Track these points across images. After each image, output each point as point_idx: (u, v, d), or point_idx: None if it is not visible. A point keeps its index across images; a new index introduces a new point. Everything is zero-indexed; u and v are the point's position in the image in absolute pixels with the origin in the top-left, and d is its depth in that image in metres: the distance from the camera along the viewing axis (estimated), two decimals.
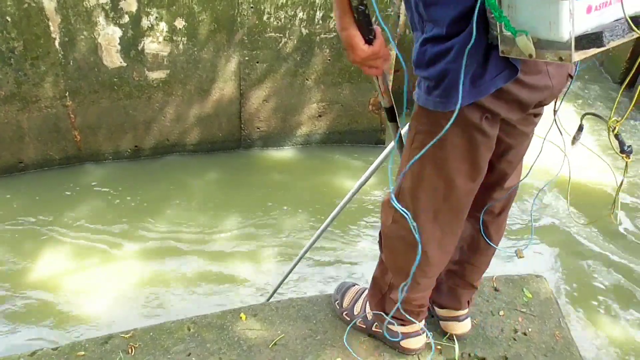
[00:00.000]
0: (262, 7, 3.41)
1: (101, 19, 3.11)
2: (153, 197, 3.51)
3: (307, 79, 3.73)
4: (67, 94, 3.30)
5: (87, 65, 3.24)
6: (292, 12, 3.48)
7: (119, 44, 3.23)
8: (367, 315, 1.91)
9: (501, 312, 2.03)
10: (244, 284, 3.06)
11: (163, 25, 3.27)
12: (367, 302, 1.90)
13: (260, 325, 1.97)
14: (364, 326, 1.93)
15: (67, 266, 3.02)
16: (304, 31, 3.55)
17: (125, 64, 3.32)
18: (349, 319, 1.96)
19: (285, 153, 4.00)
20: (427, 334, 1.86)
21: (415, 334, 1.84)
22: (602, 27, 0.98)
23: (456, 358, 1.83)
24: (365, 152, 4.05)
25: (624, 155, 1.31)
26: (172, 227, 3.33)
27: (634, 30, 0.98)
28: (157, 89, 3.48)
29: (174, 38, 3.35)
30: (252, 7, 3.38)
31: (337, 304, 2.01)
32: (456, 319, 1.90)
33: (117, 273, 3.01)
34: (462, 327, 1.91)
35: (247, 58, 3.55)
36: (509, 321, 2.00)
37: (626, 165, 1.32)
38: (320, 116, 3.92)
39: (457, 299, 1.86)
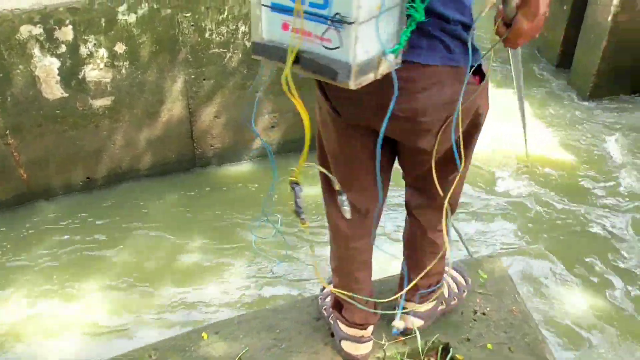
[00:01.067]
0: (203, 24, 3.40)
1: (36, 51, 3.05)
2: (111, 227, 3.45)
3: (256, 91, 3.73)
4: (7, 131, 3.21)
5: (26, 100, 3.17)
6: (234, 27, 3.48)
7: (58, 74, 3.17)
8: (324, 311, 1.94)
9: None
10: (213, 304, 3.03)
11: (103, 52, 3.23)
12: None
13: (223, 342, 1.94)
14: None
15: (30, 309, 2.94)
16: (248, 44, 3.55)
17: (67, 95, 3.25)
18: (326, 314, 1.97)
19: (242, 167, 3.97)
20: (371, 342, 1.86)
21: (354, 338, 1.82)
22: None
23: (419, 347, 1.83)
24: (311, 160, 4.05)
25: None
26: (134, 254, 3.28)
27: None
28: (103, 117, 3.43)
29: (116, 63, 3.31)
30: (192, 25, 3.37)
31: (320, 298, 2.03)
32: (410, 313, 1.88)
33: (81, 310, 2.95)
34: (416, 321, 1.89)
35: (193, 76, 3.53)
36: (468, 303, 2.02)
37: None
38: (273, 127, 3.91)
39: (411, 293, 1.84)
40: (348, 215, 1.42)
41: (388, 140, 1.44)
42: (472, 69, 1.24)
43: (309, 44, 1.03)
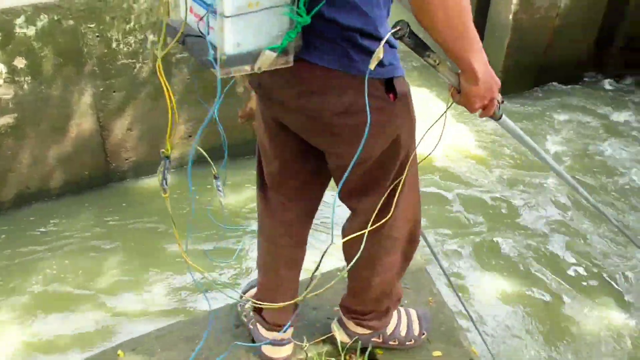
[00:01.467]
0: (109, 35, 3.30)
1: None
2: (24, 253, 3.27)
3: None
4: None
5: None
6: (142, 36, 3.40)
7: None
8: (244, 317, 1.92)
9: None
10: (134, 320, 2.94)
11: (1, 67, 3.07)
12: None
13: (140, 358, 1.88)
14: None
15: None
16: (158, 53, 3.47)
17: None
18: (245, 320, 1.96)
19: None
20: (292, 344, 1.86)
21: (275, 342, 1.81)
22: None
23: (339, 346, 1.84)
24: (243, 164, 4.01)
25: None
26: (50, 280, 3.13)
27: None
28: (7, 135, 3.26)
29: (17, 79, 3.15)
30: (98, 36, 3.27)
31: (239, 305, 2.02)
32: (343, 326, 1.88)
33: None
34: (341, 333, 1.88)
35: (101, 89, 3.42)
36: None
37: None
38: (190, 136, 3.85)
39: (345, 309, 1.85)
40: (222, 200, 1.46)
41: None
42: (385, 85, 1.26)
43: (201, 28, 1.08)
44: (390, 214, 1.49)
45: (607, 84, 5.44)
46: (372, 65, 1.14)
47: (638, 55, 5.42)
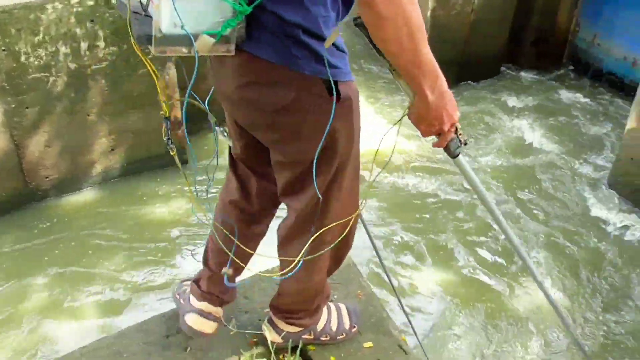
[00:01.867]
0: (17, 48, 3.16)
1: None
2: None
3: (88, 114, 3.54)
4: None
5: None
6: (54, 48, 3.28)
7: None
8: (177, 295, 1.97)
9: None
10: (65, 340, 2.83)
11: None
12: None
13: None
14: None
15: None
16: (72, 65, 3.37)
17: None
18: (178, 297, 1.97)
19: (84, 196, 3.76)
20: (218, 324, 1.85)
21: (203, 313, 1.81)
22: None
23: (270, 346, 1.83)
24: (170, 175, 3.95)
25: None
26: None
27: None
28: None
29: None
30: (4, 50, 3.12)
31: (179, 284, 2.03)
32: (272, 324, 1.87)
33: None
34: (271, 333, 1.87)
35: (13, 105, 3.27)
36: None
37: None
38: (113, 149, 3.74)
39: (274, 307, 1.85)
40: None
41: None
42: (329, 86, 1.25)
43: (144, 2, 1.10)
44: (323, 217, 1.50)
45: (524, 76, 5.73)
46: (327, 44, 1.18)
47: (548, 48, 5.73)
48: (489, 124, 4.94)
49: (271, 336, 1.85)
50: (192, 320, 1.81)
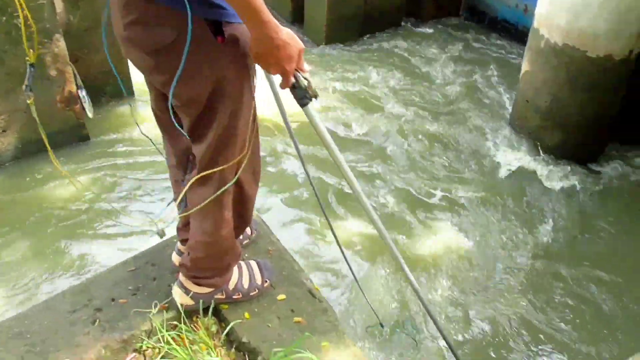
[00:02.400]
0: None
1: None
2: None
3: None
4: None
5: None
6: None
7: None
8: None
9: None
10: None
11: None
12: None
13: None
14: None
15: None
16: None
17: None
18: None
19: None
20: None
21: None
22: None
23: (181, 309, 1.82)
24: (71, 153, 3.78)
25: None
26: None
27: None
28: None
29: None
30: None
31: None
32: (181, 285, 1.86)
33: None
34: (182, 296, 1.85)
35: None
36: None
37: None
38: (4, 131, 3.51)
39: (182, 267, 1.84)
40: (90, 114, 1.46)
41: None
42: (214, 26, 1.25)
43: None
44: (222, 161, 1.51)
45: (423, 26, 5.87)
46: None
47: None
48: (393, 70, 5.06)
49: (181, 299, 1.83)
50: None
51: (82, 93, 1.52)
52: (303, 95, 1.41)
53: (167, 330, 1.78)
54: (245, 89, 1.44)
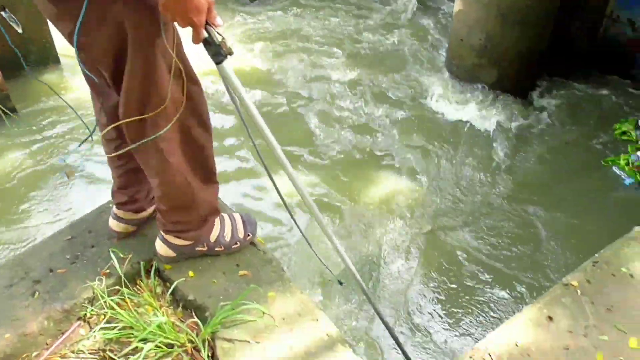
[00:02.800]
0: None
1: None
2: None
3: None
4: None
5: None
6: None
7: None
8: None
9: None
10: None
11: None
12: None
13: None
14: None
15: None
16: None
17: None
18: None
19: None
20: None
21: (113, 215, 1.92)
22: None
23: (120, 272, 1.80)
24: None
25: None
26: None
27: None
28: None
29: None
30: None
31: None
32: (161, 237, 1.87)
33: None
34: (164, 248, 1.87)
35: None
36: None
37: None
38: None
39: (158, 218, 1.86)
40: (19, 29, 1.46)
41: None
42: None
43: None
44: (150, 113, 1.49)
45: None
46: None
47: None
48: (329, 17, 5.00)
49: (162, 250, 1.85)
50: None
51: (5, 14, 1.44)
52: (217, 52, 1.38)
53: (109, 296, 1.75)
54: (155, 36, 1.40)
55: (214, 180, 1.84)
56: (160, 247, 1.87)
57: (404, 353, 2.01)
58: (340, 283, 2.25)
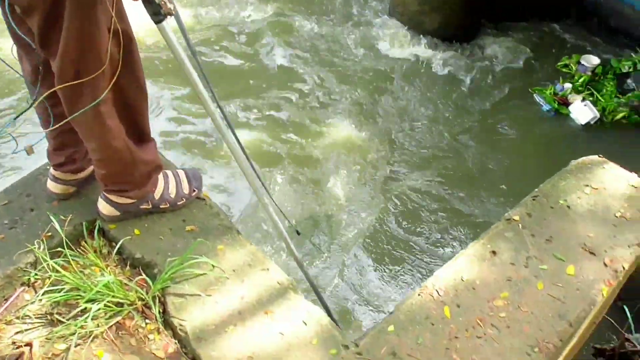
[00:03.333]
0: None
1: None
2: None
3: None
4: None
5: None
6: None
7: None
8: None
9: None
10: None
11: None
12: None
13: None
14: None
15: None
16: None
17: None
18: None
19: None
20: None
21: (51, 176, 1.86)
22: None
23: (62, 234, 1.75)
24: None
25: None
26: None
27: None
28: None
29: None
30: None
31: None
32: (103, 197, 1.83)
33: None
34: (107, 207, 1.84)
35: None
36: None
37: None
38: None
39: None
40: None
41: None
42: None
43: None
44: (86, 76, 1.42)
45: None
46: None
47: None
48: None
49: (106, 210, 1.82)
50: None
51: None
52: (157, 11, 1.36)
53: (52, 259, 1.71)
54: None
55: (149, 138, 1.80)
56: (104, 207, 1.83)
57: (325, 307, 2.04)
58: (298, 233, 2.26)
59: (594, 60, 3.95)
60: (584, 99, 3.73)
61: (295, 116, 3.57)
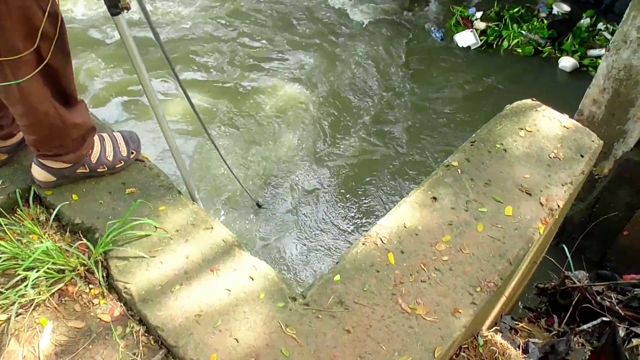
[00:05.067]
0: None
1: None
2: None
3: None
4: None
5: None
6: None
7: None
8: None
9: None
10: None
11: None
12: None
13: None
14: None
15: None
16: None
17: None
18: None
19: None
20: None
21: None
22: None
23: (18, 196, 1.70)
24: None
25: None
26: None
27: None
28: None
29: None
30: None
31: None
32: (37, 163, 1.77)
33: None
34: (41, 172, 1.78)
35: None
36: None
37: None
38: None
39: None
40: None
41: None
42: None
43: None
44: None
45: None
46: None
47: None
48: None
49: (41, 176, 1.76)
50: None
51: None
52: (114, 4, 1.35)
53: None
54: None
55: (77, 101, 1.74)
56: (38, 173, 1.77)
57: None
58: (259, 206, 2.24)
59: (564, 7, 4.44)
60: (473, 28, 4.12)
61: (238, 75, 3.51)
